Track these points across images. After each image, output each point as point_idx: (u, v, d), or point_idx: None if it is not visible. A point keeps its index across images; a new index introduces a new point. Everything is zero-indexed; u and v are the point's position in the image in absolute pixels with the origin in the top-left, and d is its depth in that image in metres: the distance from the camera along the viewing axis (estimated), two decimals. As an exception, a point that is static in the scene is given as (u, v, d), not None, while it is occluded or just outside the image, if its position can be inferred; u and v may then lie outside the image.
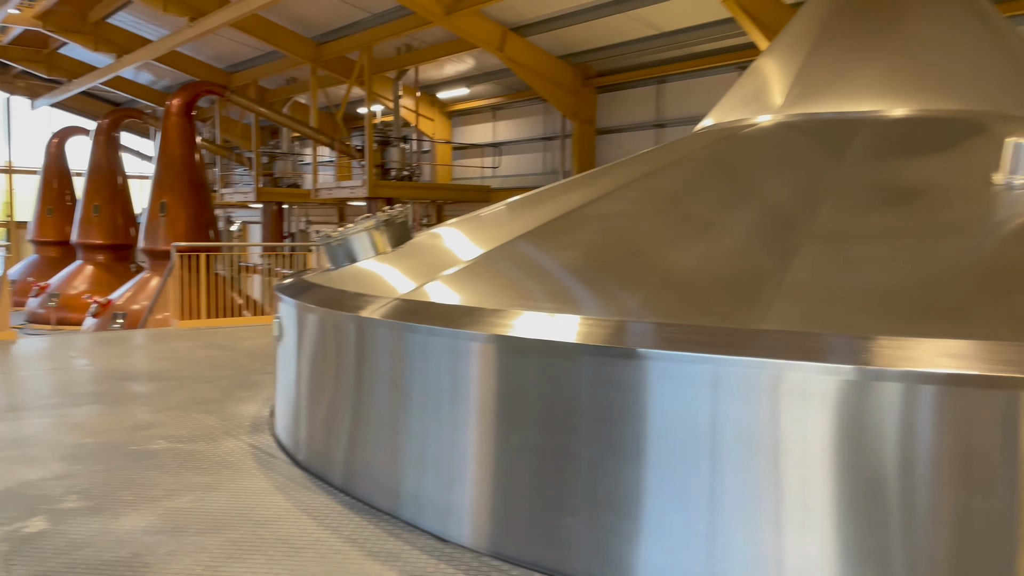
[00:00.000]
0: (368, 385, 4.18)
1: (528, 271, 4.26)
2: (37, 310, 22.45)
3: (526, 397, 3.42)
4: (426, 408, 3.84)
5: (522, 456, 3.43)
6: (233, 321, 11.38)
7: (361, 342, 4.24)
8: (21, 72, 29.20)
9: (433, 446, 3.81)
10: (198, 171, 18.55)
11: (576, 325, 3.33)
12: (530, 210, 5.36)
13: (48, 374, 7.47)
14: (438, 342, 3.81)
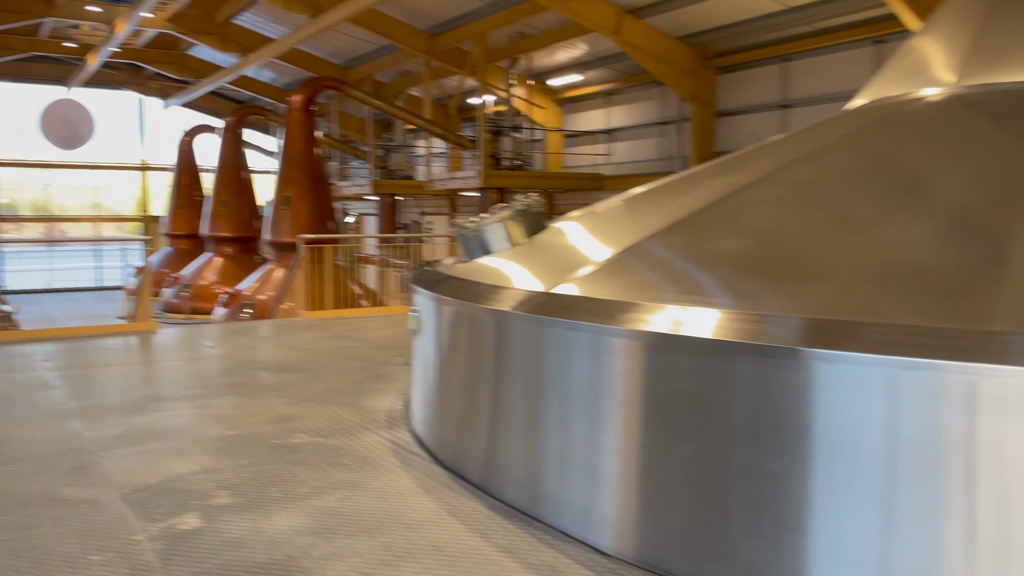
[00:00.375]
0: (507, 382, 4.00)
1: (680, 264, 3.94)
2: (171, 300, 23.72)
3: (682, 399, 3.14)
4: (567, 407, 3.63)
5: (675, 461, 3.18)
6: (357, 312, 11.53)
7: (499, 337, 4.06)
8: (154, 74, 30.87)
9: (575, 447, 3.61)
10: (318, 165, 19.03)
11: (748, 322, 3.00)
12: (672, 199, 5.02)
13: (188, 364, 7.69)
14: (580, 338, 3.57)
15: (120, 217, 33.22)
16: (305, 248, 11.31)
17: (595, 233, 5.12)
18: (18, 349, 8.29)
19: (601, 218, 5.45)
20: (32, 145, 30.13)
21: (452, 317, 4.52)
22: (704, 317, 3.15)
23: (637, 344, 3.31)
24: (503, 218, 5.28)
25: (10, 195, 31.20)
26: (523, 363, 3.91)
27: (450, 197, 27.49)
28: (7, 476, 4.24)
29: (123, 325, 9.78)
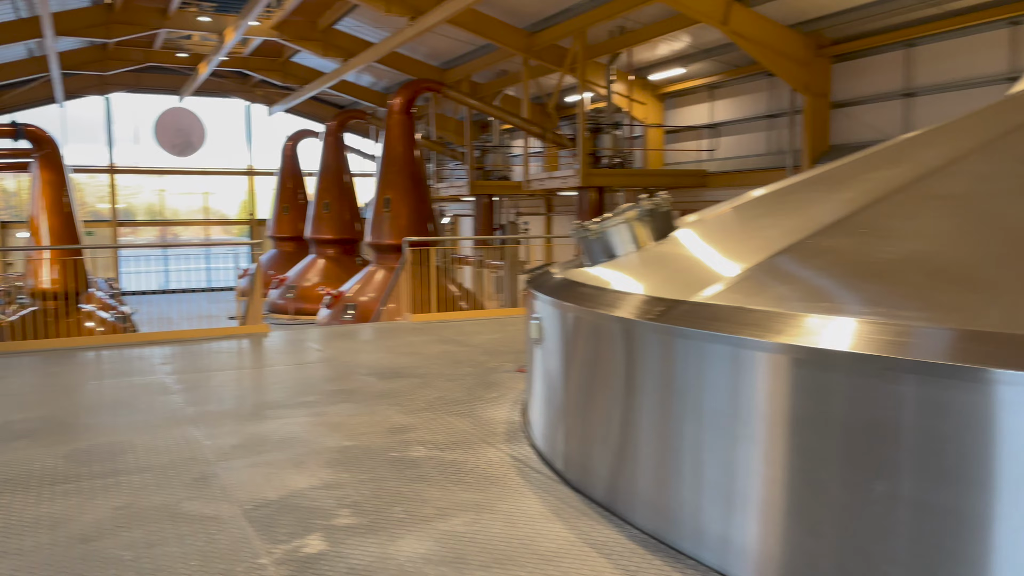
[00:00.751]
0: (640, 397, 3.66)
1: (834, 273, 3.49)
2: (277, 301, 24.37)
3: (841, 421, 2.74)
4: (711, 428, 3.27)
5: (828, 489, 2.82)
6: (461, 315, 11.38)
7: (632, 349, 3.72)
8: (260, 81, 31.86)
9: (713, 471, 3.25)
10: (418, 167, 19.09)
11: (916, 337, 2.57)
12: (814, 201, 4.55)
13: (299, 368, 7.66)
14: (723, 351, 3.20)
15: (228, 220, 34.48)
16: (410, 250, 11.24)
17: (731, 236, 4.70)
18: (137, 352, 8.48)
19: (734, 220, 5.02)
20: (147, 152, 31.61)
21: (579, 326, 4.20)
22: (866, 330, 2.73)
23: (788, 359, 2.94)
24: (629, 219, 4.92)
25: (127, 200, 32.84)
26: (658, 377, 3.56)
27: (546, 197, 27.22)
28: (131, 487, 4.18)
29: (235, 328, 9.92)
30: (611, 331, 3.87)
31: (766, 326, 3.08)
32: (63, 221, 16.50)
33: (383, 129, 19.22)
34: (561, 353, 4.44)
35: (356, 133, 33.97)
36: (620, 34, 18.86)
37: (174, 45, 25.61)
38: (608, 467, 3.92)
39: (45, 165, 16.28)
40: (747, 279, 3.62)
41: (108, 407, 6.03)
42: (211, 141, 32.60)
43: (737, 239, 4.49)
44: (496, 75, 24.48)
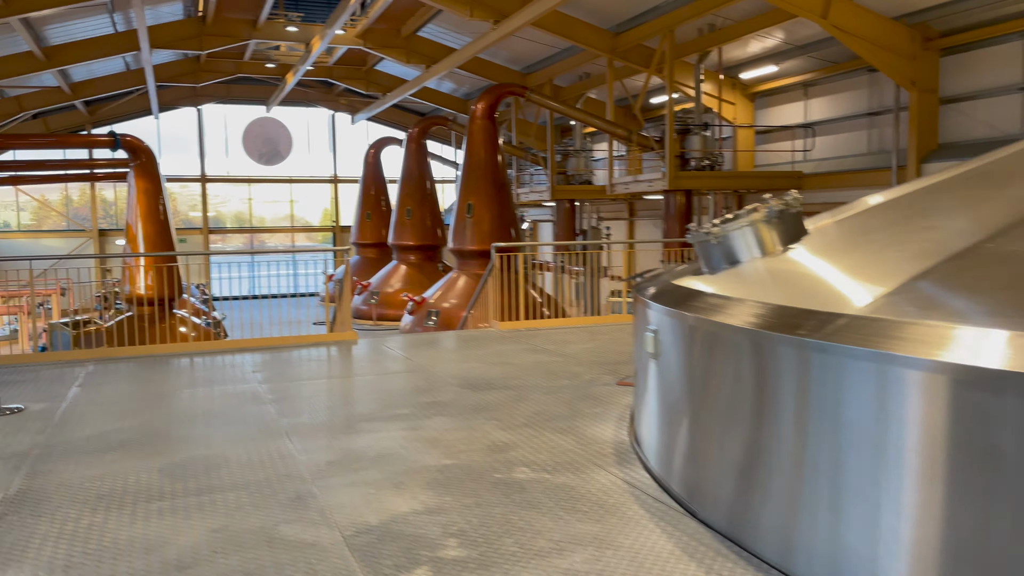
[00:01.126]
0: (780, 421, 3.22)
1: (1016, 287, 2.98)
2: (360, 306, 24.56)
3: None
4: (846, 455, 2.85)
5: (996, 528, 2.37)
6: (551, 323, 11.02)
7: (771, 366, 3.29)
8: (344, 90, 32.34)
9: (856, 504, 2.83)
10: (501, 172, 18.87)
11: None
12: (985, 195, 4.00)
13: (390, 378, 7.44)
14: (861, 368, 2.77)
15: (312, 228, 35.13)
16: (498, 257, 10.96)
17: (878, 241, 4.20)
18: (230, 359, 8.43)
19: (879, 223, 4.51)
20: (236, 162, 32.47)
21: (707, 341, 3.78)
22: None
23: (953, 379, 2.50)
24: (755, 221, 4.47)
25: (217, 209, 33.81)
26: (803, 398, 3.11)
27: (629, 202, 26.65)
28: (226, 507, 3.97)
29: (324, 335, 9.83)
30: (747, 347, 3.44)
31: (953, 344, 2.61)
32: (158, 229, 16.90)
33: (464, 135, 19.09)
34: (683, 369, 4.03)
35: (438, 140, 34.10)
36: (710, 32, 18.20)
37: (263, 56, 26.19)
38: (743, 498, 3.49)
39: (141, 174, 16.72)
40: (910, 289, 3.14)
41: (202, 417, 5.92)
42: (297, 150, 33.26)
43: (887, 243, 3.99)
44: (578, 78, 24.10)
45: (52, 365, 8.16)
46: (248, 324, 18.99)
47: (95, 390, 6.93)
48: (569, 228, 25.10)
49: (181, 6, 20.63)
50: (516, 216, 19.43)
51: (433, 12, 21.62)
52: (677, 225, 18.76)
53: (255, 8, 21.04)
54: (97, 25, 19.81)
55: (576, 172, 24.28)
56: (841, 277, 3.84)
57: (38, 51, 18.94)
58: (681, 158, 18.35)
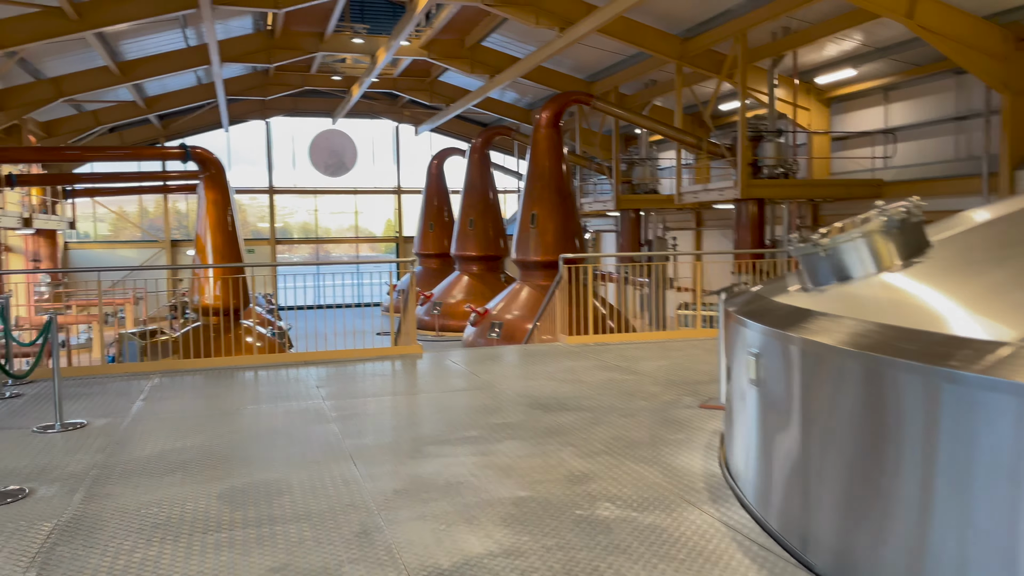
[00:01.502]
0: (910, 464, 2.76)
1: None
2: (423, 317, 24.46)
3: None
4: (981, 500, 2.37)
5: None
6: (621, 338, 10.56)
7: (896, 398, 2.83)
8: (408, 102, 32.49)
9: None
10: (565, 182, 18.50)
11: None
12: None
13: (457, 396, 7.12)
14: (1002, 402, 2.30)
15: (376, 238, 35.34)
16: (566, 268, 10.57)
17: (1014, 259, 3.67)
18: (294, 373, 8.24)
19: (1014, 237, 3.97)
20: (303, 173, 32.90)
21: (828, 369, 3.32)
22: None
23: None
24: (870, 232, 3.99)
25: (284, 219, 34.31)
26: (959, 442, 2.65)
27: (696, 211, 25.95)
28: (287, 542, 3.68)
29: (389, 348, 9.59)
30: (880, 378, 2.98)
31: None
32: (226, 239, 17.04)
33: (528, 145, 18.81)
34: (794, 399, 3.57)
35: (501, 150, 33.95)
36: (784, 35, 17.52)
37: (329, 69, 26.45)
38: (868, 552, 3.03)
39: (210, 186, 16.89)
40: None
41: (265, 436, 5.69)
42: (361, 161, 33.54)
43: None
44: (644, 85, 23.59)
45: (119, 377, 8.10)
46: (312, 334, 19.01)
47: (159, 405, 6.79)
48: (634, 238, 24.56)
49: (251, 20, 20.93)
50: (581, 226, 19.03)
51: (498, 21, 21.44)
52: (749, 235, 18.08)
53: (322, 21, 21.22)
54: (170, 40, 20.23)
55: (642, 181, 23.74)
56: (977, 298, 3.35)
57: (113, 66, 19.41)
58: (753, 166, 17.68)
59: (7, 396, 7.20)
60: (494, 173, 25.87)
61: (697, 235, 26.54)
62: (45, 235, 23.65)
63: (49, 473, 4.85)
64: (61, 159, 15.57)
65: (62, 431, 5.86)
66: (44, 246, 23.73)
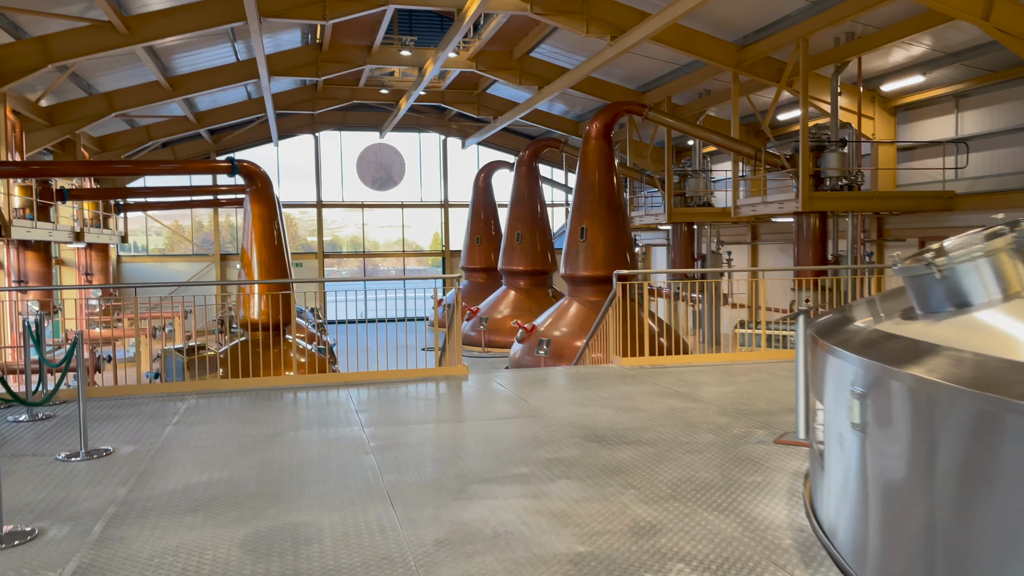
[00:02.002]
0: None
1: None
2: (469, 332, 24.05)
3: None
4: None
5: None
6: (678, 360, 9.94)
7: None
8: (455, 115, 32.27)
9: None
10: (616, 194, 17.93)
11: None
12: None
13: (504, 424, 6.60)
14: None
15: (422, 252, 35.14)
16: (619, 285, 9.99)
17: None
18: (334, 396, 7.83)
19: None
20: (350, 187, 32.89)
21: (974, 420, 2.72)
22: None
23: None
24: (995, 250, 3.37)
25: (333, 233, 34.33)
26: None
27: (752, 225, 25.11)
28: (312, 607, 3.20)
29: (433, 369, 9.13)
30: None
31: None
32: (272, 254, 16.85)
33: (577, 157, 18.33)
34: (918, 453, 2.97)
35: (549, 163, 33.54)
36: (848, 41, 16.73)
37: (377, 82, 26.34)
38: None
39: (256, 199, 16.73)
40: None
41: (298, 469, 5.24)
42: (409, 175, 33.42)
43: None
44: (698, 95, 22.91)
45: (154, 398, 7.78)
46: (357, 350, 18.71)
47: (190, 430, 6.42)
48: (687, 253, 23.83)
49: (299, 34, 20.88)
50: (632, 240, 18.43)
51: (546, 32, 21.03)
52: (810, 250, 17.26)
53: (370, 34, 21.06)
54: (219, 54, 20.27)
55: (695, 194, 23.02)
56: None
57: (164, 80, 19.50)
58: (815, 177, 16.87)
59: (39, 418, 6.92)
60: (542, 186, 25.44)
61: (752, 249, 25.67)
62: (97, 249, 23.91)
63: (65, 509, 4.47)
64: (110, 173, 15.61)
65: (86, 459, 5.51)
66: (96, 260, 23.99)
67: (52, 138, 19.33)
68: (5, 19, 14.26)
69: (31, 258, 17.98)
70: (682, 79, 21.59)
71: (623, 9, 17.57)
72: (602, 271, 17.62)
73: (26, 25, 14.74)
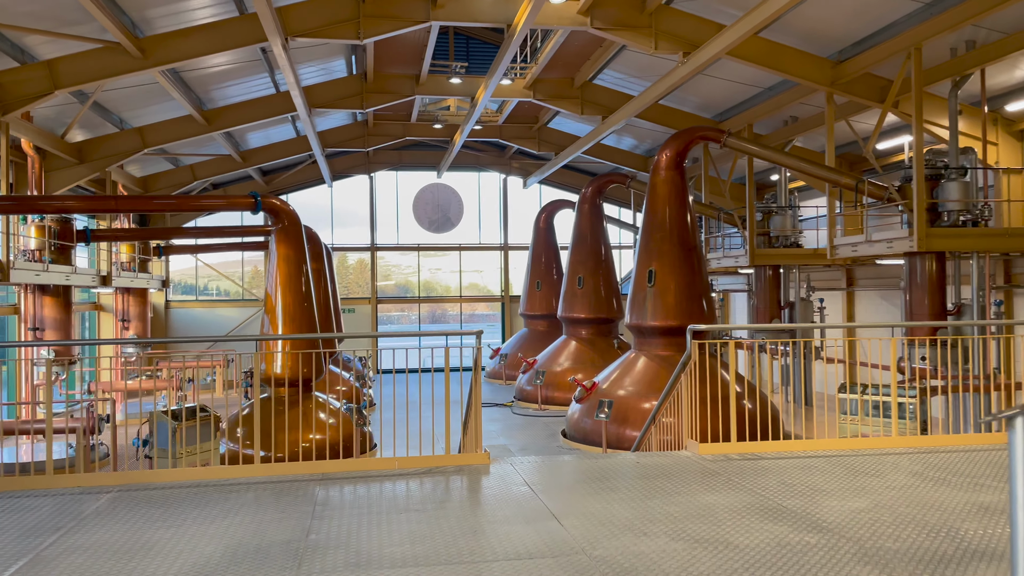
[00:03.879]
0: None
1: None
2: (525, 387, 21.71)
3: None
4: None
5: None
6: (778, 447, 7.40)
7: None
8: (515, 153, 30.44)
9: None
10: (690, 233, 15.52)
11: None
12: None
13: (528, 569, 4.27)
14: None
15: (480, 297, 33.16)
16: (695, 344, 7.56)
17: None
18: (301, 494, 5.64)
19: None
20: (407, 230, 31.29)
21: None
22: None
23: None
24: None
25: (406, 278, 32.72)
26: None
27: (847, 268, 22.19)
28: None
29: (444, 458, 6.89)
30: None
31: None
32: (298, 300, 15.02)
33: (645, 194, 16.03)
34: None
35: (615, 202, 31.30)
36: (968, 51, 14.05)
37: (430, 116, 24.73)
38: None
39: (282, 239, 14.99)
40: None
41: None
42: (467, 216, 31.63)
43: None
44: (783, 123, 20.36)
45: (61, 494, 5.76)
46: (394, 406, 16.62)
47: (55, 565, 4.31)
48: (772, 300, 21.06)
49: (343, 63, 19.39)
50: (708, 285, 15.94)
51: (610, 54, 18.95)
52: (926, 297, 14.40)
53: (417, 61, 19.40)
54: (257, 86, 18.90)
55: (781, 233, 20.32)
56: None
57: (197, 114, 18.18)
58: (931, 212, 14.11)
59: None
60: (607, 227, 23.13)
61: (848, 296, 22.70)
62: (135, 294, 22.69)
63: None
64: (108, 210, 14.17)
65: None
66: (133, 305, 22.76)
67: (81, 175, 18.15)
68: (7, 42, 13.00)
69: (48, 304, 16.62)
70: (765, 104, 19.13)
71: (696, 22, 15.35)
72: (673, 320, 15.16)
73: (33, 48, 13.47)
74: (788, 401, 20.41)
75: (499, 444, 16.02)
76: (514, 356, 25.57)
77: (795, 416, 17.57)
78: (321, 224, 29.79)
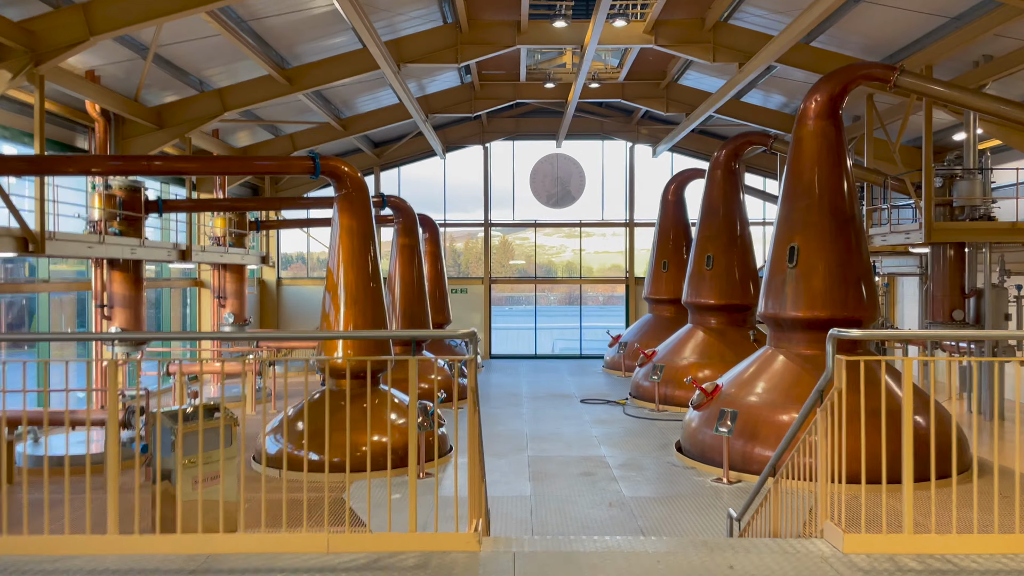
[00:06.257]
0: None
1: None
2: (642, 382, 18.77)
3: None
4: None
5: None
6: (973, 543, 4.27)
7: None
8: (643, 117, 27.20)
9: None
10: (847, 201, 12.07)
11: None
12: None
13: None
14: None
15: (601, 279, 30.24)
16: (838, 364, 4.57)
17: None
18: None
19: None
20: (524, 204, 28.86)
21: None
22: None
23: None
24: None
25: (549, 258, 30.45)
26: None
27: (1055, 247, 17.56)
28: None
29: (416, 539, 4.36)
30: None
31: None
32: (361, 278, 12.96)
33: (788, 153, 12.74)
34: None
35: (757, 171, 27.46)
36: None
37: (541, 74, 22.07)
38: None
39: (346, 208, 12.94)
40: None
41: None
42: (589, 189, 28.76)
43: None
44: (972, 64, 16.10)
45: None
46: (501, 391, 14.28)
47: None
48: (953, 287, 16.96)
49: (436, 9, 17.04)
50: (870, 267, 12.47)
51: (747, -15, 15.48)
52: None
53: (516, 5, 16.73)
54: (341, 42, 16.95)
55: (968, 202, 16.15)
56: None
57: (276, 73, 16.47)
58: None
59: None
60: (745, 198, 19.62)
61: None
62: (232, 270, 21.62)
63: None
64: (140, 172, 12.71)
65: None
66: (230, 282, 21.70)
67: (161, 141, 16.94)
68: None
69: (117, 279, 15.47)
70: (948, 38, 15.00)
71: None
72: (820, 311, 11.84)
73: (66, -8, 11.99)
74: (969, 412, 16.32)
75: (597, 456, 13.33)
76: (631, 347, 22.68)
77: (980, 433, 13.77)
78: (434, 199, 28.02)
